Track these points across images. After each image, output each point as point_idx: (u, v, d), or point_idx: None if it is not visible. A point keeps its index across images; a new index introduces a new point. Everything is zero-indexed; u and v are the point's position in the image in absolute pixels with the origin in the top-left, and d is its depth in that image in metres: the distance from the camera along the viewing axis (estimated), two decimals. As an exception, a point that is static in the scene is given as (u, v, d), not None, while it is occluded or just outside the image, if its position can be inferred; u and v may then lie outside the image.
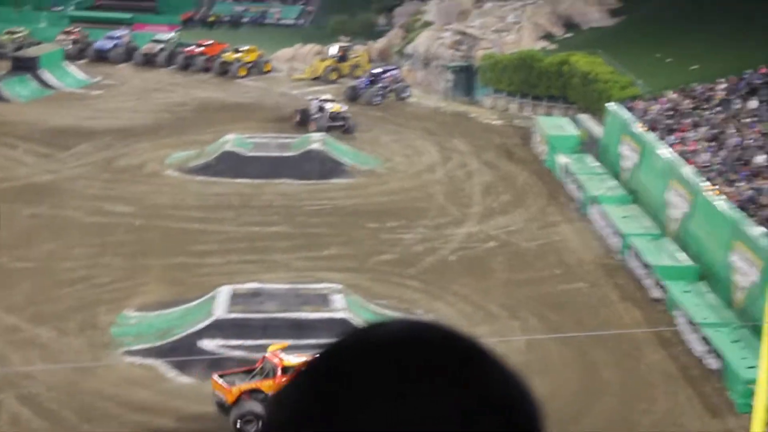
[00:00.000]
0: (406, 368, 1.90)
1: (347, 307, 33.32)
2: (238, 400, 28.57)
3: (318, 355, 2.01)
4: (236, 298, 33.81)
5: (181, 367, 31.37)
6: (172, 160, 52.19)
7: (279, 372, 28.45)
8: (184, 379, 30.97)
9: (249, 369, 29.79)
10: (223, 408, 28.75)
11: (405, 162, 52.73)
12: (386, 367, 1.91)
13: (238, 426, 28.23)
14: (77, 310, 34.98)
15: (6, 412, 28.78)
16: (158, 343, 32.34)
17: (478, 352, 1.96)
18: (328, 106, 57.56)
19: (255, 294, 34.33)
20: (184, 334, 32.36)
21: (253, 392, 28.76)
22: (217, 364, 31.20)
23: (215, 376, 29.23)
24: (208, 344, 31.91)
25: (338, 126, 56.48)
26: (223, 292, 34.10)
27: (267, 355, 29.55)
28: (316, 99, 59.11)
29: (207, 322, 32.53)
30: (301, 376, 1.98)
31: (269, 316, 32.73)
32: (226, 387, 28.76)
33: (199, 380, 30.74)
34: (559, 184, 49.67)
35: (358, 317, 32.89)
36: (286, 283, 36.06)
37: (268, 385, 28.61)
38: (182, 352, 31.60)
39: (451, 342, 1.96)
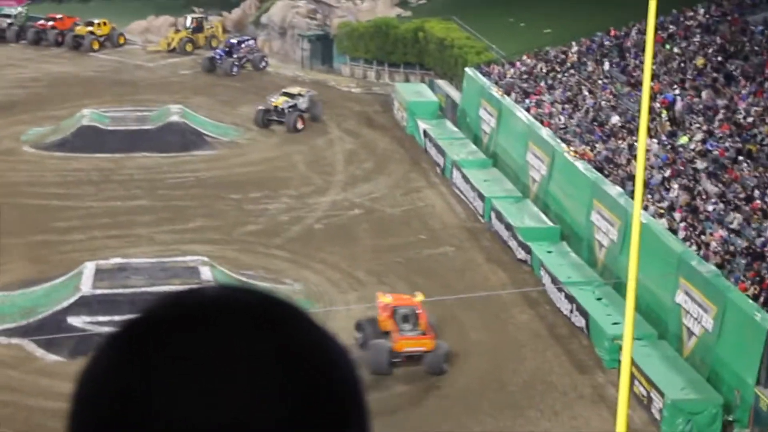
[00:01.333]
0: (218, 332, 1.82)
1: (214, 279, 33.20)
2: None
3: (129, 324, 1.90)
4: (101, 274, 33.44)
5: (49, 345, 30.93)
6: (27, 136, 51.13)
7: None
8: (53, 357, 30.54)
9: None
10: None
11: (265, 131, 52.53)
12: (198, 335, 1.83)
13: None
14: (-65, 292, 34.21)
15: None
16: (23, 322, 31.82)
17: (292, 311, 1.92)
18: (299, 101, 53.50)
19: (120, 269, 34.02)
20: (50, 312, 31.91)
21: None
22: (84, 341, 30.86)
23: None
24: (75, 321, 31.50)
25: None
26: (88, 268, 33.68)
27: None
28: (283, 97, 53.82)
29: (73, 299, 32.14)
30: (113, 347, 1.87)
31: (136, 291, 32.44)
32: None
33: (68, 358, 30.36)
34: (421, 150, 50.11)
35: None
36: (151, 257, 35.77)
37: None
38: (49, 330, 31.16)
39: (264, 304, 1.90)
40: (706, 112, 39.96)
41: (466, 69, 52.23)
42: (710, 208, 33.51)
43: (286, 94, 53.54)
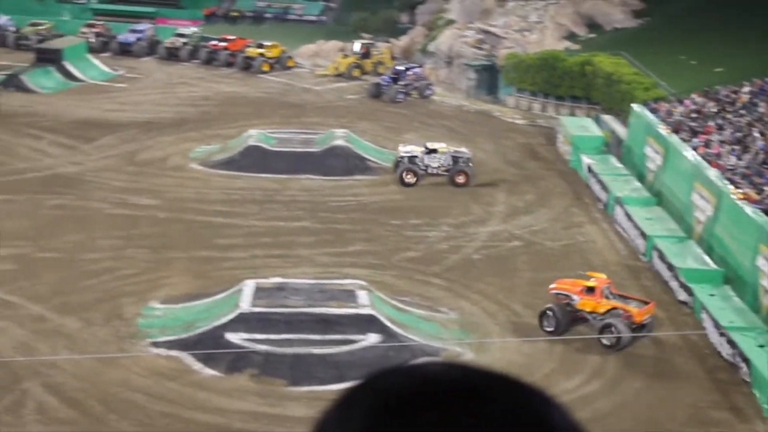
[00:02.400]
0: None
1: (371, 303, 33.32)
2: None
3: (372, 395, 1.99)
4: (260, 293, 33.84)
5: (206, 359, 31.43)
6: (195, 154, 52.31)
7: None
8: (209, 372, 31.01)
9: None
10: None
11: (428, 160, 52.61)
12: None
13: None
14: (102, 301, 35.08)
15: (32, 400, 28.86)
16: (184, 336, 32.40)
17: (542, 399, 1.96)
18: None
19: (279, 288, 34.36)
20: (209, 327, 32.41)
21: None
22: (241, 357, 31.30)
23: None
24: (233, 337, 31.94)
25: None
26: (248, 286, 34.14)
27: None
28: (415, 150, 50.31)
29: (232, 316, 32.57)
30: (360, 416, 1.96)
31: (293, 311, 32.75)
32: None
33: (224, 373, 30.81)
34: (584, 185, 49.62)
35: (382, 314, 32.93)
36: (310, 279, 36.08)
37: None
38: (208, 345, 31.67)
39: (515, 390, 1.96)
40: None
41: (633, 105, 51.58)
42: None
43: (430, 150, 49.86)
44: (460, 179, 48.67)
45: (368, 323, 32.28)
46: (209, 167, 50.30)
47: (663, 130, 47.31)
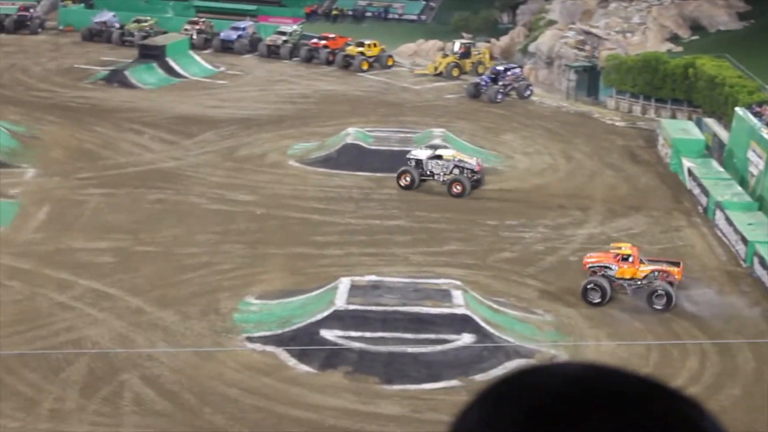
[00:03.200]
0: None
1: (466, 303, 33.21)
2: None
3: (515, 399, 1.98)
4: (355, 290, 33.92)
5: (301, 355, 31.59)
6: (293, 151, 52.61)
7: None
8: (304, 368, 31.16)
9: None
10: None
11: (526, 160, 52.41)
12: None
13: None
14: (200, 296, 35.46)
15: (130, 391, 29.28)
16: (279, 331, 32.61)
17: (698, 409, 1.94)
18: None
19: (374, 287, 34.41)
20: (304, 323, 32.58)
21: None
22: (336, 354, 31.41)
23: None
24: (327, 334, 32.05)
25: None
26: (343, 284, 34.23)
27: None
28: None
29: (327, 313, 32.70)
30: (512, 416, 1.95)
31: (388, 309, 32.77)
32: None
33: (318, 370, 30.93)
34: (684, 189, 48.93)
35: (477, 314, 32.80)
36: (405, 277, 36.06)
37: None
38: (302, 341, 31.84)
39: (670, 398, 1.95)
40: None
41: (737, 108, 50.72)
42: None
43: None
44: (457, 189, 47.04)
45: (463, 323, 32.20)
46: (307, 164, 50.55)
47: (766, 134, 46.47)
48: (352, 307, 32.82)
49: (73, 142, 52.95)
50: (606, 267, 36.50)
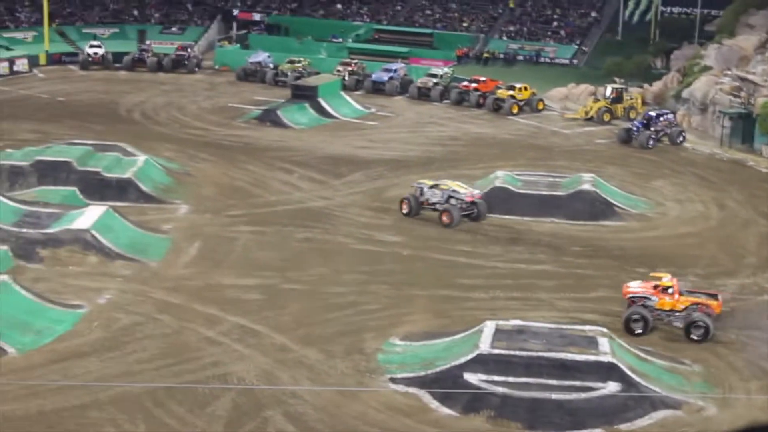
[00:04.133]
0: None
1: (612, 351, 32.66)
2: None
3: None
4: (500, 334, 33.63)
5: (444, 398, 31.43)
6: (442, 193, 52.61)
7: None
8: (446, 411, 30.99)
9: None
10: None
11: (677, 207, 51.55)
12: None
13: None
14: (344, 335, 35.60)
15: (273, 428, 29.47)
16: (422, 373, 32.50)
17: None
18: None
19: (519, 331, 34.08)
20: (448, 365, 32.41)
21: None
22: (479, 398, 31.16)
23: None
24: (471, 378, 31.84)
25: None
26: (488, 327, 33.99)
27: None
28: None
29: (471, 356, 32.45)
30: None
31: (533, 354, 32.40)
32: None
33: (460, 413, 30.74)
34: (842, 240, 47.47)
35: (623, 362, 32.24)
36: (550, 323, 35.66)
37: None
38: (446, 384, 31.67)
39: None
40: None
41: None
42: None
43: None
44: (445, 218, 47.63)
45: (608, 371, 31.65)
46: (454, 207, 50.47)
47: None
48: (496, 351, 32.52)
49: (224, 179, 53.94)
50: (646, 298, 37.07)
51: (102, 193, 49.13)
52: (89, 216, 43.48)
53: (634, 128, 64.10)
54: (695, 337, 35.92)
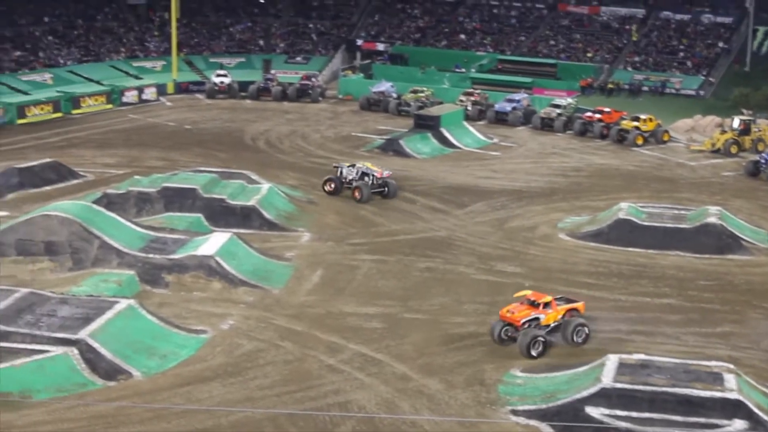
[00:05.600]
0: None
1: (739, 388, 31.96)
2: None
3: None
4: (623, 368, 33.14)
5: (565, 431, 31.10)
6: (564, 224, 52.29)
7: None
8: (568, 445, 30.63)
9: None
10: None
11: (807, 241, 50.40)
12: None
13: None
14: (465, 365, 35.44)
15: (392, 458, 29.46)
16: (543, 406, 32.19)
17: None
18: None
19: (643, 365, 33.54)
20: (569, 399, 32.04)
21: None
22: (601, 432, 30.76)
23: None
24: (593, 412, 31.43)
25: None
26: (611, 361, 33.54)
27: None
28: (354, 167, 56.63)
29: (593, 390, 32.03)
30: None
31: (657, 390, 31.84)
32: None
33: (582, 447, 30.38)
34: None
35: (750, 400, 31.52)
36: (674, 358, 35.04)
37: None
38: (566, 418, 31.32)
39: None
40: None
41: None
42: None
43: None
44: (356, 194, 54.92)
45: (735, 408, 30.96)
46: (577, 238, 50.07)
47: None
48: (619, 385, 32.07)
49: (347, 208, 54.23)
50: (536, 318, 37.31)
51: (226, 219, 49.78)
52: (214, 242, 44.07)
53: (762, 161, 62.91)
54: (579, 341, 37.18)
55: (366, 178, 55.33)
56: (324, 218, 52.27)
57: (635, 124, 71.79)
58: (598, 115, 74.21)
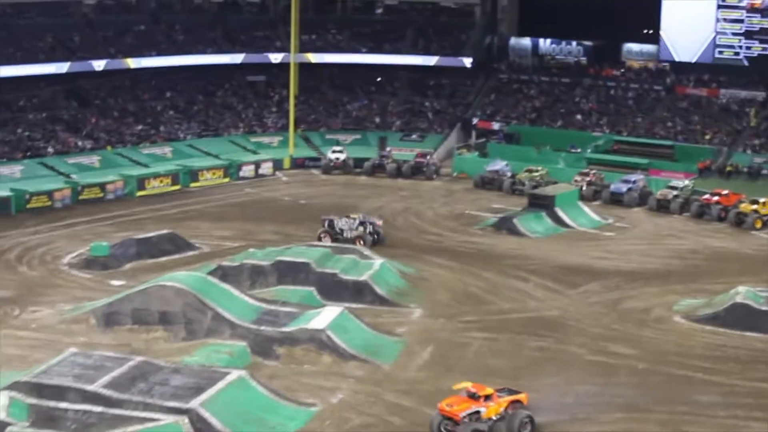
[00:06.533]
0: None
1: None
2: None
3: None
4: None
5: None
6: (679, 306, 51.46)
7: None
8: None
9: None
10: None
11: None
12: None
13: None
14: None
15: None
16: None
17: None
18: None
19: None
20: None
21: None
22: None
23: None
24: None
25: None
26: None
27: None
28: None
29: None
30: None
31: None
32: None
33: None
34: None
35: None
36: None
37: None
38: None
39: None
40: None
41: None
42: None
43: None
44: (360, 243, 59.43)
45: None
46: (692, 321, 49.23)
47: None
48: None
49: (459, 285, 54.13)
50: (476, 412, 35.79)
51: (338, 294, 50.03)
52: (325, 316, 44.27)
53: None
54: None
55: (362, 228, 60.87)
56: (435, 295, 52.20)
57: (754, 207, 70.64)
58: (715, 198, 73.21)
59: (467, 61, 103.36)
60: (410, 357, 43.35)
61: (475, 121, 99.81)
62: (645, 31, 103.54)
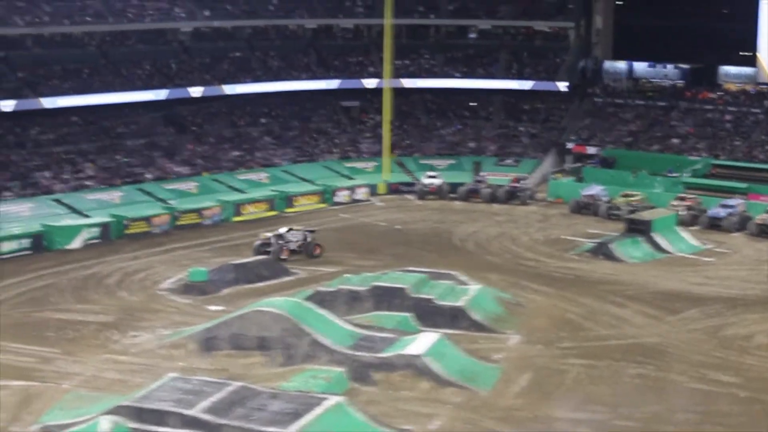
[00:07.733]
0: None
1: None
2: None
3: None
4: None
5: None
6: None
7: None
8: None
9: None
10: None
11: None
12: None
13: None
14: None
15: None
16: None
17: None
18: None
19: None
20: None
21: None
22: None
23: None
24: None
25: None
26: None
27: None
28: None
29: None
30: None
31: None
32: None
33: None
34: None
35: None
36: None
37: None
38: None
39: None
40: None
41: None
42: None
43: None
44: (317, 251, 65.47)
45: None
46: (794, 348, 48.40)
47: None
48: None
49: (556, 311, 53.73)
50: None
51: (434, 319, 49.86)
52: (422, 342, 44.16)
53: None
54: None
55: (309, 237, 65.35)
56: (532, 321, 51.85)
57: None
58: (816, 222, 72.03)
59: (562, 85, 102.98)
60: (508, 384, 43.04)
61: (570, 145, 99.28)
62: (742, 54, 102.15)
